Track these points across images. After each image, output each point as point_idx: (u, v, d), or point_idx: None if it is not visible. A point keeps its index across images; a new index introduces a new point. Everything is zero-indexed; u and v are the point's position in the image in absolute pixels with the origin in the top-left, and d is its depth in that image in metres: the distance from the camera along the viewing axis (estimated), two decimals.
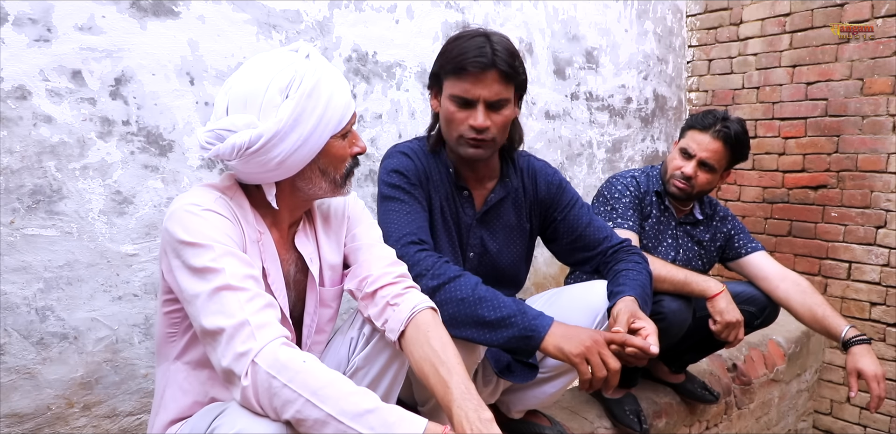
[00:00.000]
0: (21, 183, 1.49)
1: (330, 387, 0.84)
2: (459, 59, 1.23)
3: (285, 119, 0.94)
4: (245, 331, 0.86)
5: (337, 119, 1.01)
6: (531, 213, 1.50)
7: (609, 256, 1.47)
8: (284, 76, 0.96)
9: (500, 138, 1.31)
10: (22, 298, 1.51)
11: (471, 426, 0.89)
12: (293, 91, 0.96)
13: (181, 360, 1.04)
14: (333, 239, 1.18)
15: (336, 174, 1.06)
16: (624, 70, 3.19)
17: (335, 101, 1.00)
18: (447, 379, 0.96)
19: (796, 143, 3.08)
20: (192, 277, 0.92)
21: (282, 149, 0.96)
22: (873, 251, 2.81)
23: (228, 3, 1.79)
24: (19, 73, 1.46)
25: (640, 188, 1.87)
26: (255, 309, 0.90)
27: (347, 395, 0.84)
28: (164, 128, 1.70)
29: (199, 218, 0.95)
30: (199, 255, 0.92)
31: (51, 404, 1.57)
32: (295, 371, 0.84)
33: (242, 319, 0.87)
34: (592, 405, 1.91)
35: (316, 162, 1.03)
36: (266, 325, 0.88)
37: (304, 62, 0.99)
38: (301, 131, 0.96)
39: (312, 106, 0.96)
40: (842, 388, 3.00)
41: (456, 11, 2.40)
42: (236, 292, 0.90)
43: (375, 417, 0.82)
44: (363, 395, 0.85)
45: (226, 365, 0.86)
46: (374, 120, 2.20)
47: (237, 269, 0.93)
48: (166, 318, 1.04)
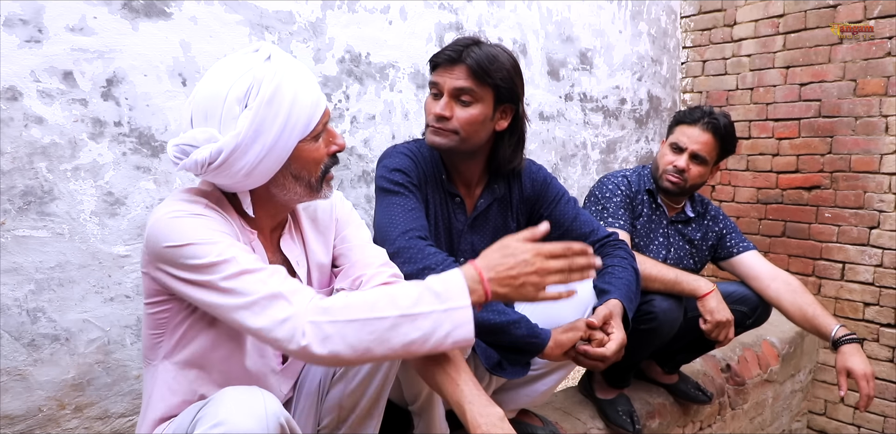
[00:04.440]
0: (12, 184, 1.48)
1: (378, 300, 0.89)
2: (438, 52, 1.32)
3: (244, 131, 0.90)
4: (280, 300, 0.88)
5: (304, 123, 0.96)
6: (517, 211, 1.52)
7: (595, 251, 1.48)
8: (242, 83, 0.92)
9: (465, 133, 1.33)
10: (13, 300, 1.51)
11: (484, 422, 0.91)
12: (251, 99, 0.92)
13: (169, 359, 1.04)
14: (322, 241, 1.18)
15: (310, 177, 1.02)
16: (618, 71, 3.20)
17: (300, 104, 0.95)
18: (455, 376, 0.98)
19: (790, 143, 3.08)
20: (201, 276, 0.90)
21: (245, 161, 0.92)
22: (867, 252, 2.82)
23: (221, 4, 1.79)
24: (10, 74, 1.46)
25: (631, 187, 1.88)
26: (280, 280, 0.91)
27: (392, 296, 0.90)
28: (157, 129, 1.70)
29: (190, 220, 0.93)
30: (202, 252, 0.90)
31: (42, 406, 1.56)
32: (342, 307, 0.88)
33: (275, 291, 0.88)
34: (585, 406, 1.91)
35: (287, 168, 0.99)
36: (298, 290, 0.91)
37: (262, 66, 0.94)
38: (264, 141, 0.92)
39: (274, 113, 0.92)
40: (836, 389, 3.00)
41: (449, 12, 2.40)
42: (254, 273, 0.90)
43: (427, 295, 0.89)
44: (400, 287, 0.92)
45: (276, 336, 0.87)
46: (368, 121, 2.20)
47: (247, 256, 0.92)
48: (152, 319, 1.03)
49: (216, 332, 1.02)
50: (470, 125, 1.32)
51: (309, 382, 1.19)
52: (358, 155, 2.18)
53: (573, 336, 1.20)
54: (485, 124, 1.34)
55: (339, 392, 1.15)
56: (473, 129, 1.33)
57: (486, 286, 0.91)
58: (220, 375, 1.04)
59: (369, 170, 2.19)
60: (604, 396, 1.86)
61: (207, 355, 1.03)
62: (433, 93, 1.35)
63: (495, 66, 1.29)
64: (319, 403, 1.17)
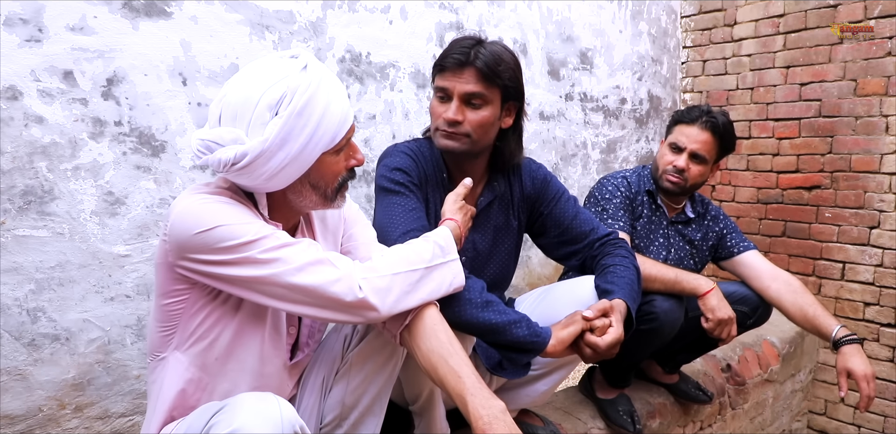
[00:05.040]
0: (12, 183, 1.48)
1: (408, 256, 1.06)
2: (443, 55, 1.31)
3: (271, 138, 0.91)
4: (327, 264, 0.98)
5: (329, 136, 0.97)
6: (518, 210, 1.51)
7: (596, 249, 1.48)
8: (276, 91, 0.92)
9: (476, 136, 1.33)
10: (13, 299, 1.50)
11: (486, 414, 0.92)
12: (283, 108, 0.92)
13: (180, 350, 1.03)
14: (331, 240, 1.19)
15: (327, 188, 1.04)
16: (618, 71, 3.20)
17: (328, 119, 0.96)
18: (458, 369, 0.98)
19: (790, 143, 3.08)
20: (237, 254, 0.93)
21: (268, 167, 0.94)
22: (867, 251, 2.82)
23: (221, 3, 1.79)
24: (10, 74, 1.46)
25: (630, 188, 1.87)
26: (318, 249, 1.00)
27: (419, 252, 1.08)
28: (157, 128, 1.70)
29: (218, 205, 0.95)
30: (238, 232, 0.92)
31: (42, 406, 1.56)
32: (385, 264, 1.03)
33: (320, 257, 0.98)
34: (586, 405, 1.91)
35: (307, 176, 1.01)
36: (338, 257, 1.02)
37: (298, 75, 0.94)
38: (289, 150, 0.93)
39: (302, 124, 0.93)
40: (836, 389, 3.00)
41: (450, 12, 2.40)
42: (294, 245, 0.97)
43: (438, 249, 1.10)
44: (416, 244, 1.10)
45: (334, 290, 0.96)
46: (368, 120, 2.20)
47: (282, 233, 0.97)
48: (164, 312, 1.01)
49: (239, 320, 1.03)
50: (481, 127, 1.32)
51: (312, 380, 1.19)
52: None
53: (574, 330, 1.19)
54: (494, 124, 1.35)
55: (342, 389, 1.15)
56: (484, 130, 1.33)
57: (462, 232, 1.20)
58: (235, 364, 1.04)
59: (370, 169, 2.19)
60: (604, 396, 1.86)
61: (225, 344, 1.03)
62: (440, 96, 1.33)
63: (502, 66, 1.29)
64: (322, 401, 1.18)
